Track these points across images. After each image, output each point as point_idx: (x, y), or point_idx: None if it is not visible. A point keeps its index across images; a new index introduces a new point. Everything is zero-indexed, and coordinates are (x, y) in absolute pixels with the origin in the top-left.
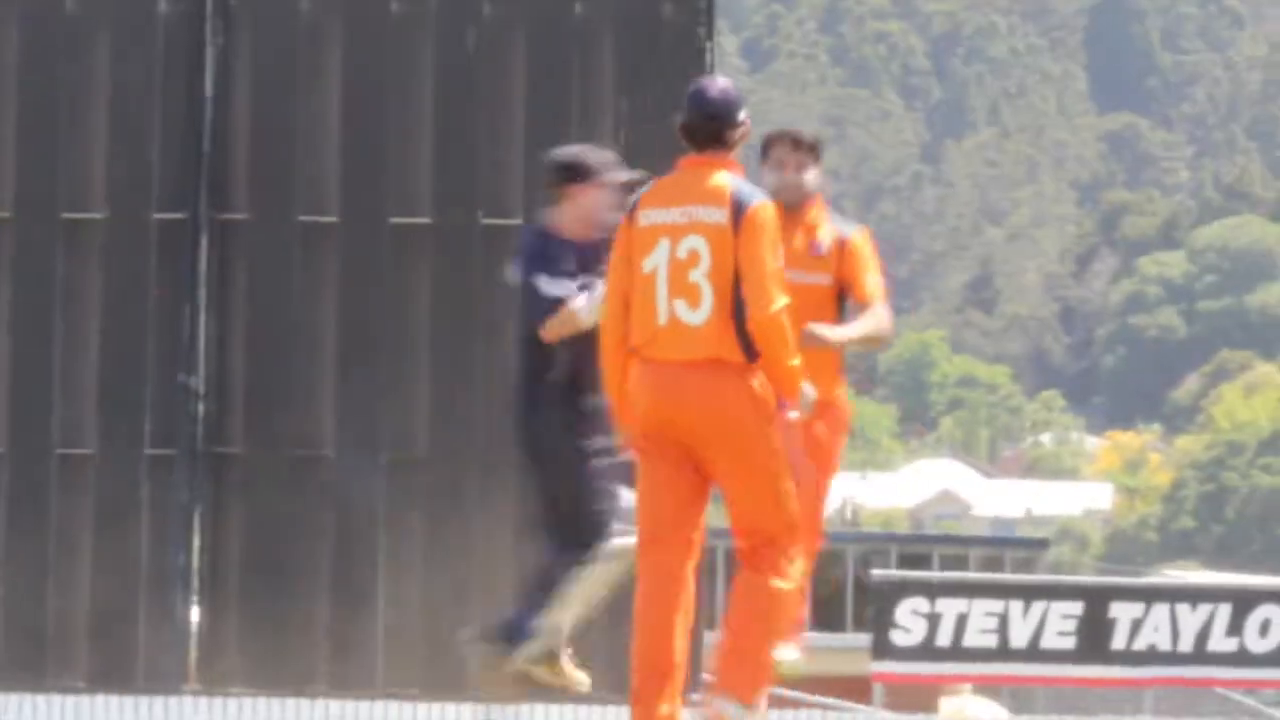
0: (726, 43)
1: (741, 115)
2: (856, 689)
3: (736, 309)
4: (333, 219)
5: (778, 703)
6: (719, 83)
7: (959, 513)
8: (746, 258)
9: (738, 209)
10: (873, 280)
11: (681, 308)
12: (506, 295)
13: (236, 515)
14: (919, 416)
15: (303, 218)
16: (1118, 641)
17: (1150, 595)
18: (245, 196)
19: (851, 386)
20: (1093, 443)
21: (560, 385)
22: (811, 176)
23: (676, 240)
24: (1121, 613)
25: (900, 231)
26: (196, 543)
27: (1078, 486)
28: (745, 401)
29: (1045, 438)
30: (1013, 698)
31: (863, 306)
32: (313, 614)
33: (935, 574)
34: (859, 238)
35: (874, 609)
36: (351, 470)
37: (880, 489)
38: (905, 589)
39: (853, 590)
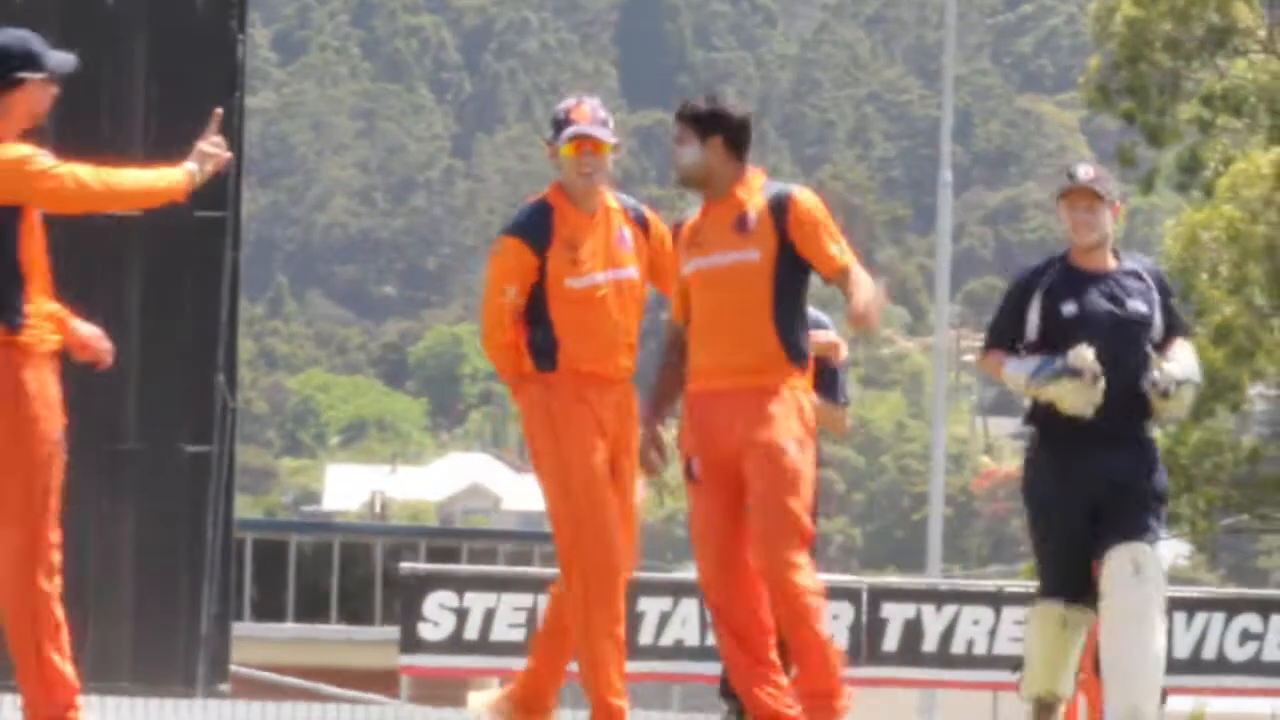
0: (258, 35)
1: None
2: (384, 682)
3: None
4: None
5: (306, 695)
6: None
7: (489, 507)
8: None
9: None
10: (836, 246)
11: None
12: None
13: None
14: (449, 410)
15: None
16: (645, 636)
17: (678, 590)
18: None
19: (381, 380)
20: None
21: None
22: (691, 151)
23: None
24: (650, 607)
25: (431, 225)
26: None
27: None
28: None
29: None
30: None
31: (838, 278)
32: None
33: (464, 568)
34: (802, 196)
35: (402, 602)
36: None
37: (409, 482)
38: (433, 582)
39: (381, 583)
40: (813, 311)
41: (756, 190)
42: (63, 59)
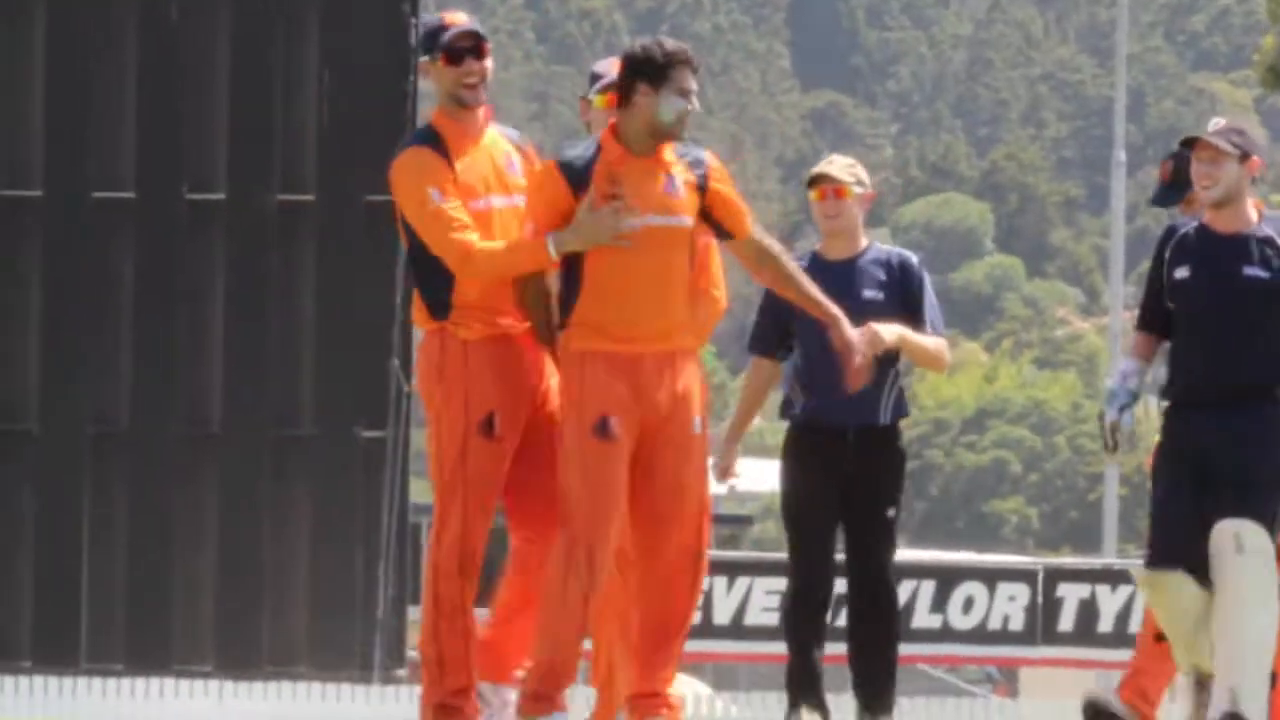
0: (431, 19)
1: None
2: None
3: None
4: (36, 193)
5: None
6: None
7: None
8: None
9: None
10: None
11: None
12: (208, 269)
13: None
14: None
15: (3, 193)
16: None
17: None
18: None
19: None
20: None
21: None
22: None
23: None
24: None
25: None
26: None
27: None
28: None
29: None
30: (715, 674)
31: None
32: (18, 589)
33: None
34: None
35: None
36: (55, 446)
37: None
38: None
39: None
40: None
41: (677, 157)
42: (445, 36)
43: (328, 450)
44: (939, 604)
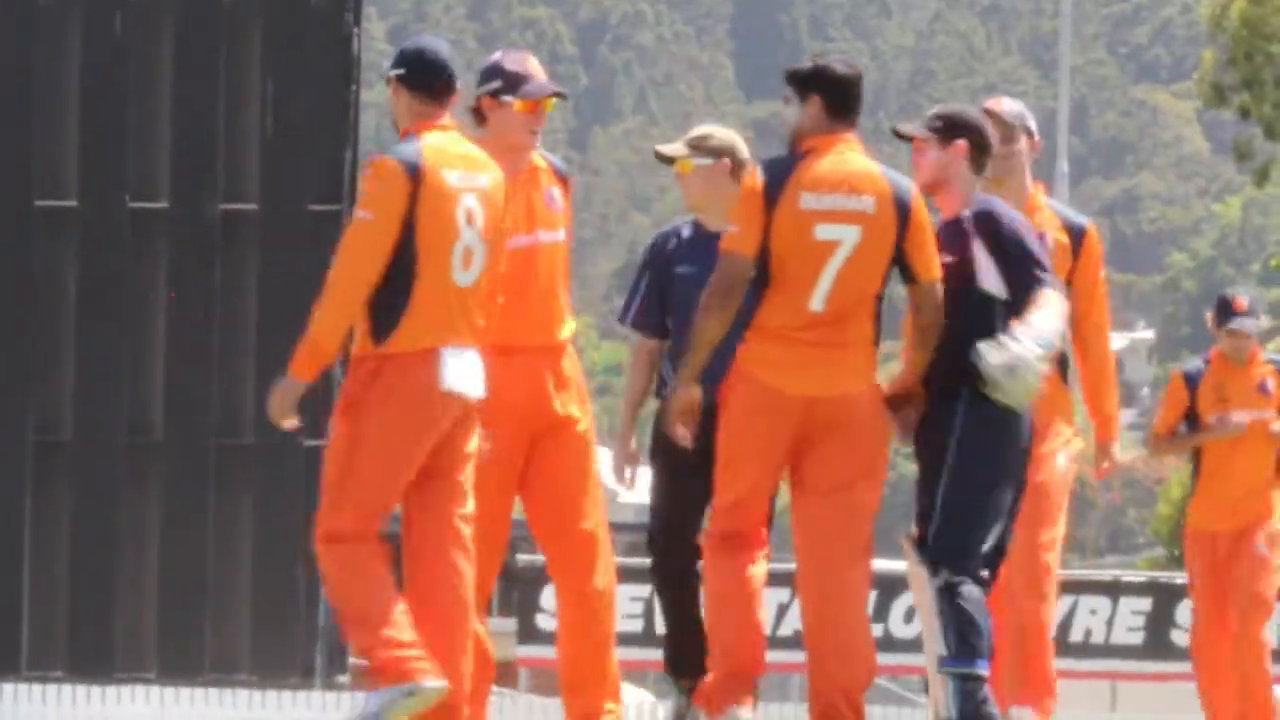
0: (374, 28)
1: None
2: (501, 672)
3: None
4: None
5: None
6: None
7: (606, 499)
8: None
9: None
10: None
11: None
12: (152, 277)
13: None
14: None
15: None
16: (765, 628)
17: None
18: None
19: None
20: None
21: None
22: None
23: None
24: (773, 599)
25: None
26: None
27: None
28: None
29: None
30: (657, 683)
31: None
32: None
33: None
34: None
35: (519, 593)
36: None
37: None
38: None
39: (498, 574)
40: None
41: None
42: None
43: (270, 459)
44: (881, 613)
